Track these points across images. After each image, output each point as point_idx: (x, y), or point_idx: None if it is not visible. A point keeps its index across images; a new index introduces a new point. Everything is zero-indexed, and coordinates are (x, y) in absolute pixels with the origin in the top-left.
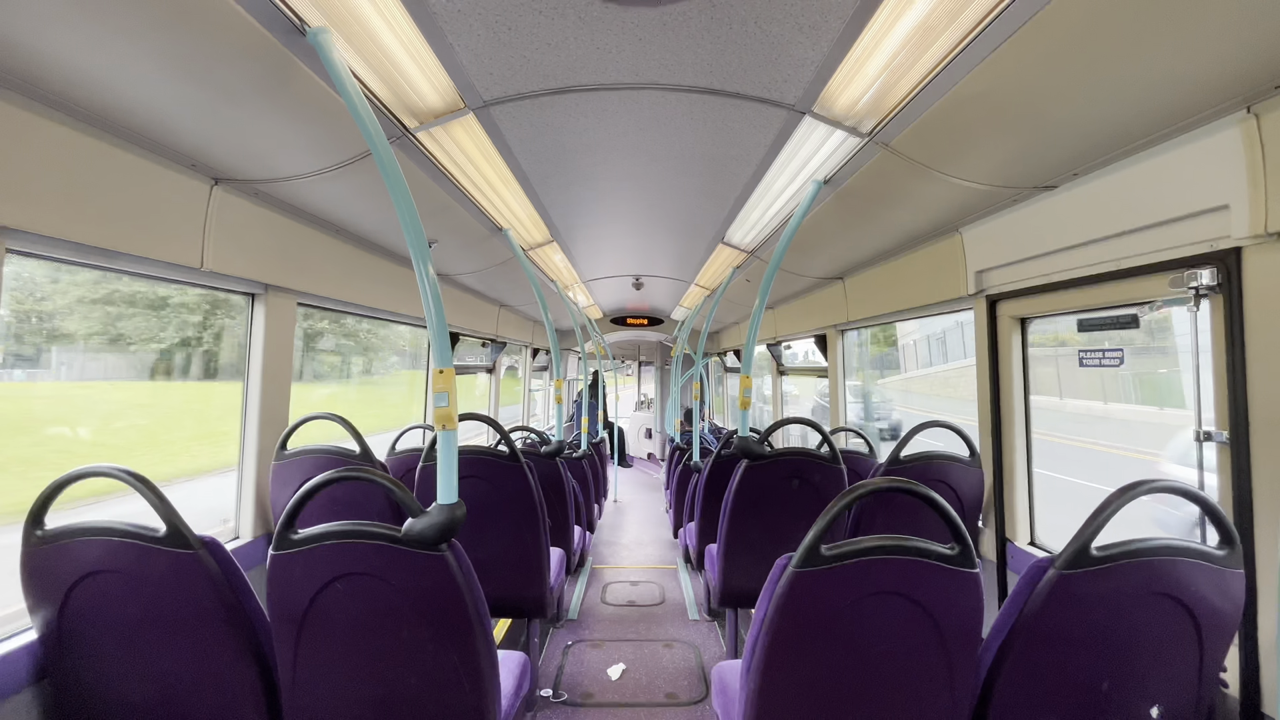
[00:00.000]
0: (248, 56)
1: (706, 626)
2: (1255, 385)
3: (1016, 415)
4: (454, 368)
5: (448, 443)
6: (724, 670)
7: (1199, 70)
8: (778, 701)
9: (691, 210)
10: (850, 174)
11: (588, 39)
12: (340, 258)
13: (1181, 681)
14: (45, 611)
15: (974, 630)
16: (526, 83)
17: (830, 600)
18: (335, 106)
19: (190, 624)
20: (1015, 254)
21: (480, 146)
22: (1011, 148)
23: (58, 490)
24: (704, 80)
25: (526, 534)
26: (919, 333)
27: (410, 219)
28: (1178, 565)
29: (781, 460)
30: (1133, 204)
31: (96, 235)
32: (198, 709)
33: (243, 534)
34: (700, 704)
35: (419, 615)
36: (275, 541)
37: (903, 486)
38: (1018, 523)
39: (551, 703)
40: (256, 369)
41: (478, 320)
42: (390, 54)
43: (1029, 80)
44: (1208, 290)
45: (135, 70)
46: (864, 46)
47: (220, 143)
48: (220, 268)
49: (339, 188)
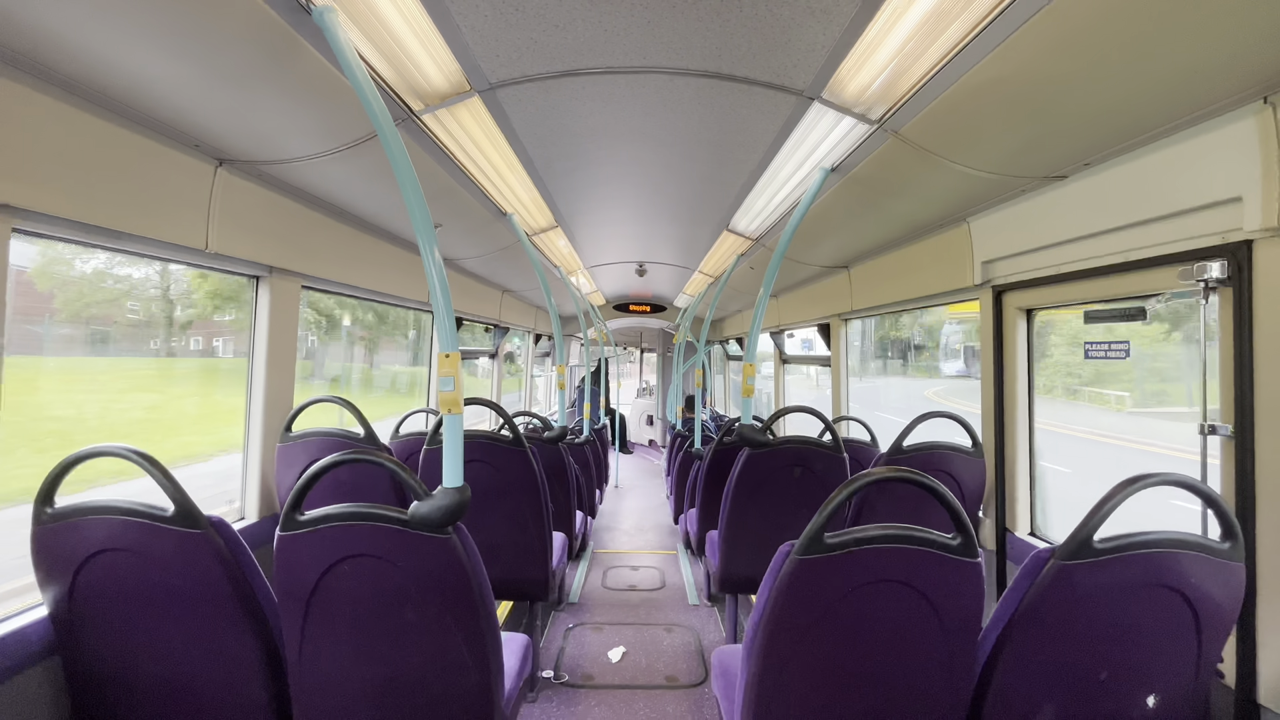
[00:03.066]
0: (253, 36)
1: (706, 611)
2: (1262, 379)
3: (1020, 406)
4: (460, 352)
5: (453, 427)
6: (724, 655)
7: (1215, 60)
8: (778, 686)
9: (696, 197)
10: (858, 162)
11: (595, 21)
12: (345, 241)
13: (1179, 672)
14: (55, 589)
15: (974, 619)
16: (533, 65)
17: (832, 587)
18: (340, 87)
19: (198, 602)
20: (1023, 245)
21: (485, 130)
22: (1022, 136)
23: (67, 469)
24: (712, 64)
25: (529, 518)
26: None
27: (417, 202)
28: (1179, 558)
29: (784, 448)
30: (1144, 195)
31: (101, 215)
32: (205, 686)
33: (249, 515)
34: (700, 687)
35: (424, 597)
36: (283, 522)
37: (906, 476)
38: (1018, 513)
39: (553, 684)
40: (261, 352)
41: (481, 305)
42: (396, 34)
43: (1042, 68)
44: (1217, 283)
45: (139, 49)
46: (876, 31)
47: (224, 123)
48: (224, 249)
49: (344, 170)
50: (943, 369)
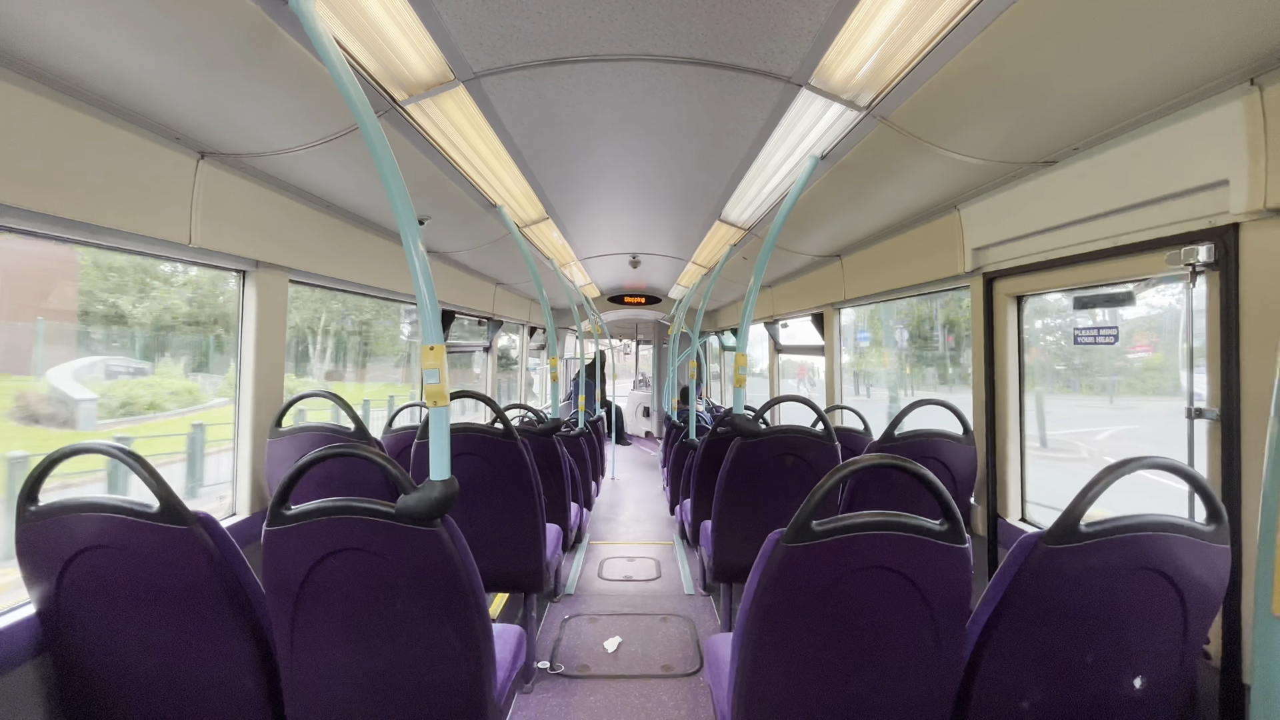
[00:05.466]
0: (230, 25)
1: (702, 601)
2: (1248, 362)
3: (1010, 393)
4: (445, 345)
5: (439, 419)
6: (716, 643)
7: (1203, 41)
8: (766, 673)
9: (688, 186)
10: (848, 149)
11: (580, 7)
12: (331, 234)
13: (1165, 654)
14: (42, 587)
15: (962, 604)
16: (517, 53)
17: (820, 575)
18: (322, 78)
19: (186, 599)
20: (1013, 231)
21: (471, 120)
22: (1011, 122)
23: (51, 465)
24: (699, 51)
25: (522, 510)
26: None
27: (399, 192)
28: (1165, 540)
29: (776, 437)
30: (1132, 179)
31: (81, 210)
32: (196, 682)
33: (239, 510)
34: (695, 675)
35: (414, 589)
36: (269, 517)
37: (894, 463)
38: (1009, 499)
39: (549, 674)
40: (249, 347)
41: (474, 298)
42: (376, 23)
43: (1029, 51)
44: (1204, 267)
45: (115, 39)
46: (862, 15)
47: (205, 115)
48: (209, 244)
49: (328, 162)
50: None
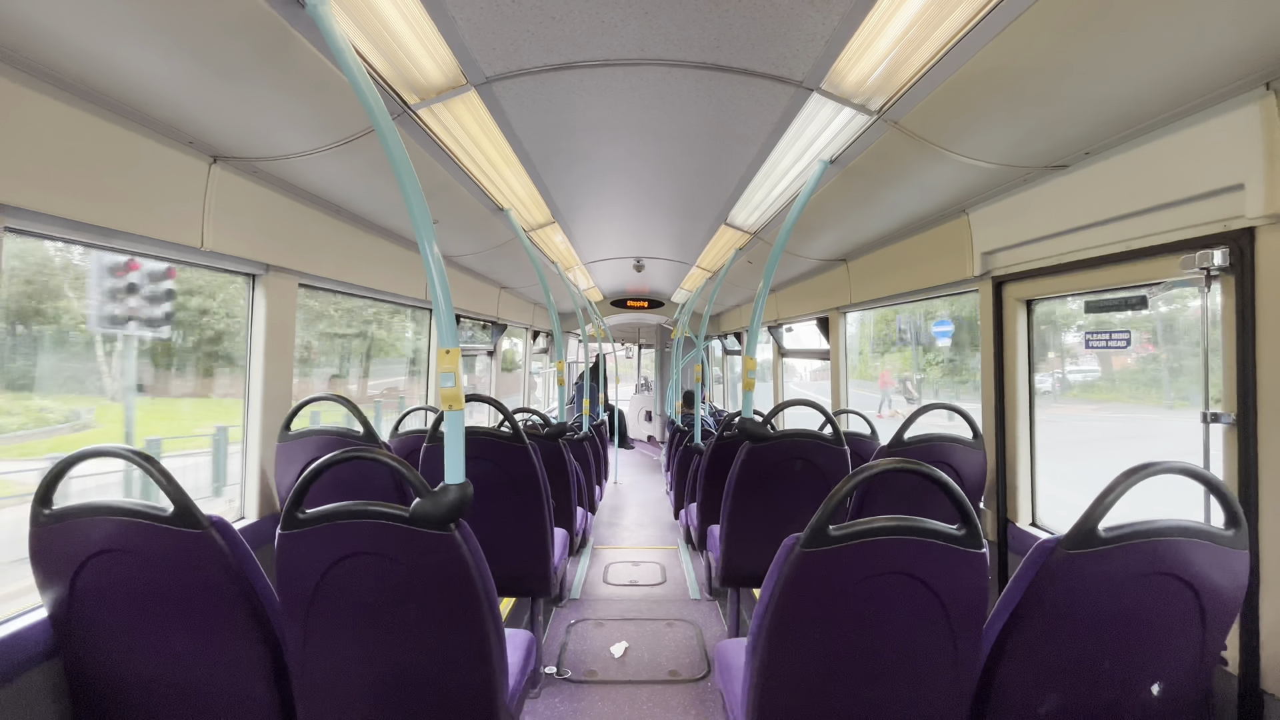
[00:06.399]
0: (245, 29)
1: (708, 606)
2: (1264, 367)
3: (1020, 397)
4: (460, 348)
5: (455, 422)
6: (727, 648)
7: (1218, 46)
8: (782, 678)
9: (694, 190)
10: (857, 153)
11: (592, 12)
12: (342, 238)
13: (1182, 660)
14: (54, 590)
15: (979, 609)
16: (529, 58)
17: (837, 580)
18: (335, 81)
19: (199, 602)
20: (1024, 235)
21: (482, 124)
22: (1024, 125)
23: (65, 469)
24: (710, 56)
25: (531, 514)
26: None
27: (415, 197)
28: (1183, 546)
29: (785, 442)
30: (1145, 183)
31: (95, 214)
32: (208, 686)
33: (248, 514)
34: (702, 681)
35: (427, 594)
36: (284, 521)
37: (912, 468)
38: (1019, 504)
39: (556, 680)
40: (259, 351)
41: (479, 302)
42: (391, 27)
43: (1044, 56)
44: (1219, 271)
45: (131, 44)
46: (876, 19)
47: (218, 119)
48: (220, 247)
49: (340, 166)
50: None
